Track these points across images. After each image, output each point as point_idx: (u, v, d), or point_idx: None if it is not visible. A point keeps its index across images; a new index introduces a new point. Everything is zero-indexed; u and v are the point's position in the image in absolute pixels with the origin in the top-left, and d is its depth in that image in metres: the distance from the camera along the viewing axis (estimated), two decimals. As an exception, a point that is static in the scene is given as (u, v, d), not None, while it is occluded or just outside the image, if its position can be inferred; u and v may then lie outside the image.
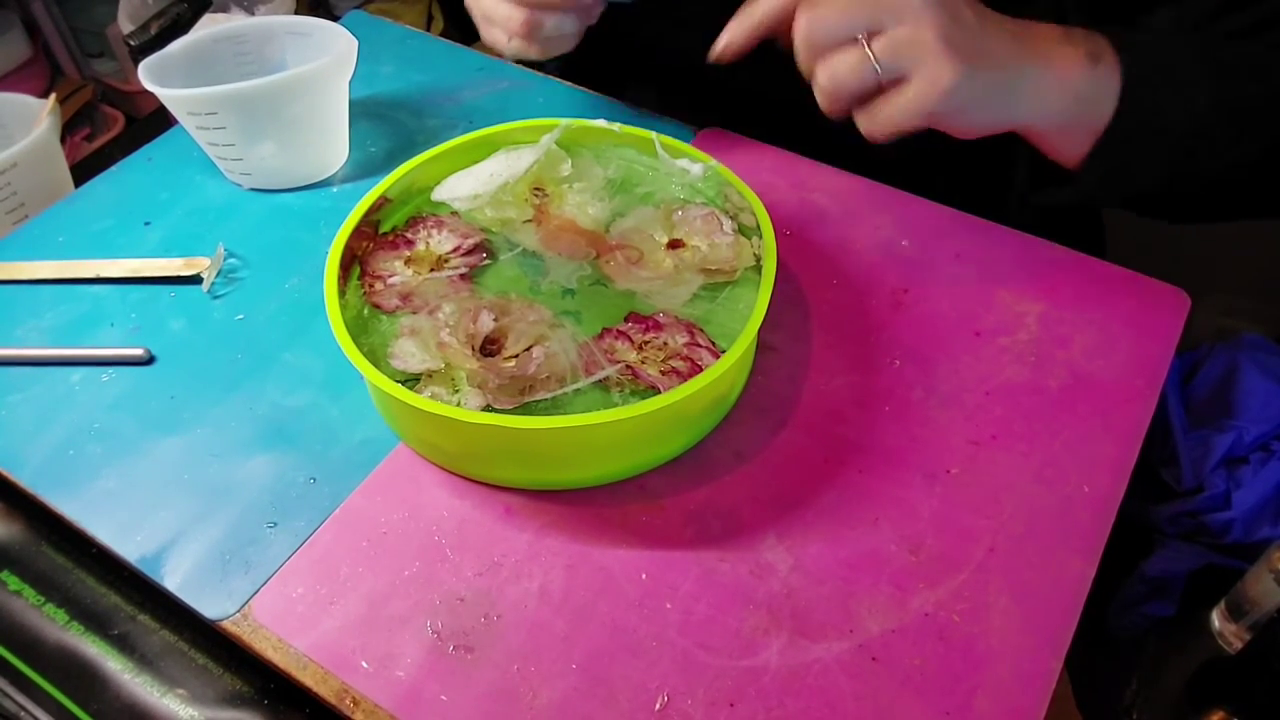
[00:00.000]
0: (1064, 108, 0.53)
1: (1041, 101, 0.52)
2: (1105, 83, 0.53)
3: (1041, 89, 0.52)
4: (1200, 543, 0.88)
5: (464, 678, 0.43)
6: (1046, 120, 0.54)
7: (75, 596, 0.48)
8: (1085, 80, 0.53)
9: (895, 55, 0.48)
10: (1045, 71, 0.52)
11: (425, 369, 0.50)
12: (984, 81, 0.50)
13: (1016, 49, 0.52)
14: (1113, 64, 0.53)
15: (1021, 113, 0.53)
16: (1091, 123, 0.54)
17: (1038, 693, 0.43)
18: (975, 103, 0.50)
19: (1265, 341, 0.97)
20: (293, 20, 0.69)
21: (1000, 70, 0.51)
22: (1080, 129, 0.54)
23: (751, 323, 0.49)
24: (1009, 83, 0.51)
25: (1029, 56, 0.52)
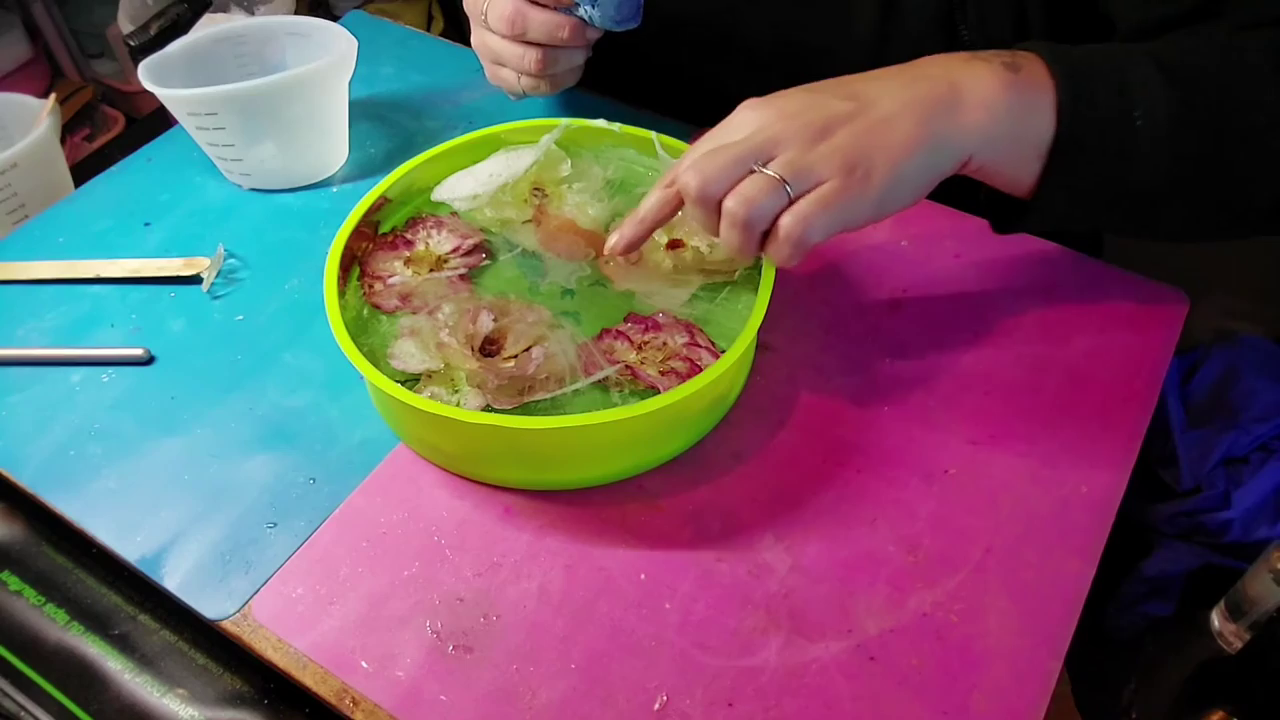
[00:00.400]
0: (995, 129, 0.48)
1: (965, 132, 0.48)
2: (1033, 91, 0.48)
3: (960, 121, 0.48)
4: (1199, 542, 0.88)
5: (464, 678, 0.43)
6: (982, 149, 0.48)
7: (75, 596, 0.48)
8: (1008, 92, 0.48)
9: (796, 171, 0.46)
10: (958, 100, 0.48)
11: (425, 369, 0.51)
12: (895, 153, 0.47)
13: (913, 98, 0.48)
14: (1038, 68, 0.49)
15: (949, 157, 0.48)
16: (1033, 137, 0.49)
17: (1036, 693, 0.43)
18: (898, 178, 0.47)
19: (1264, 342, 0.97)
20: (293, 20, 0.69)
21: (907, 130, 0.47)
22: (1023, 147, 0.49)
23: (751, 323, 0.49)
24: (922, 136, 0.47)
25: (929, 100, 0.48)
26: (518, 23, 0.59)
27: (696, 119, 0.71)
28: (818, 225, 0.46)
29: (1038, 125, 0.49)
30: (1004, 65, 0.49)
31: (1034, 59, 0.49)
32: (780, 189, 0.46)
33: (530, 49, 0.60)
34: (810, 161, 0.46)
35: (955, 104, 0.48)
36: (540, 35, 0.59)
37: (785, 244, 0.46)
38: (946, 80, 0.49)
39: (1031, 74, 0.49)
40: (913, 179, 0.48)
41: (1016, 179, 0.51)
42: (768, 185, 0.46)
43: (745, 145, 0.47)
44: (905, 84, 0.49)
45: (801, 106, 0.48)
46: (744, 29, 0.69)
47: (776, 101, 0.49)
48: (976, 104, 0.48)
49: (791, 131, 0.47)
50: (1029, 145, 0.49)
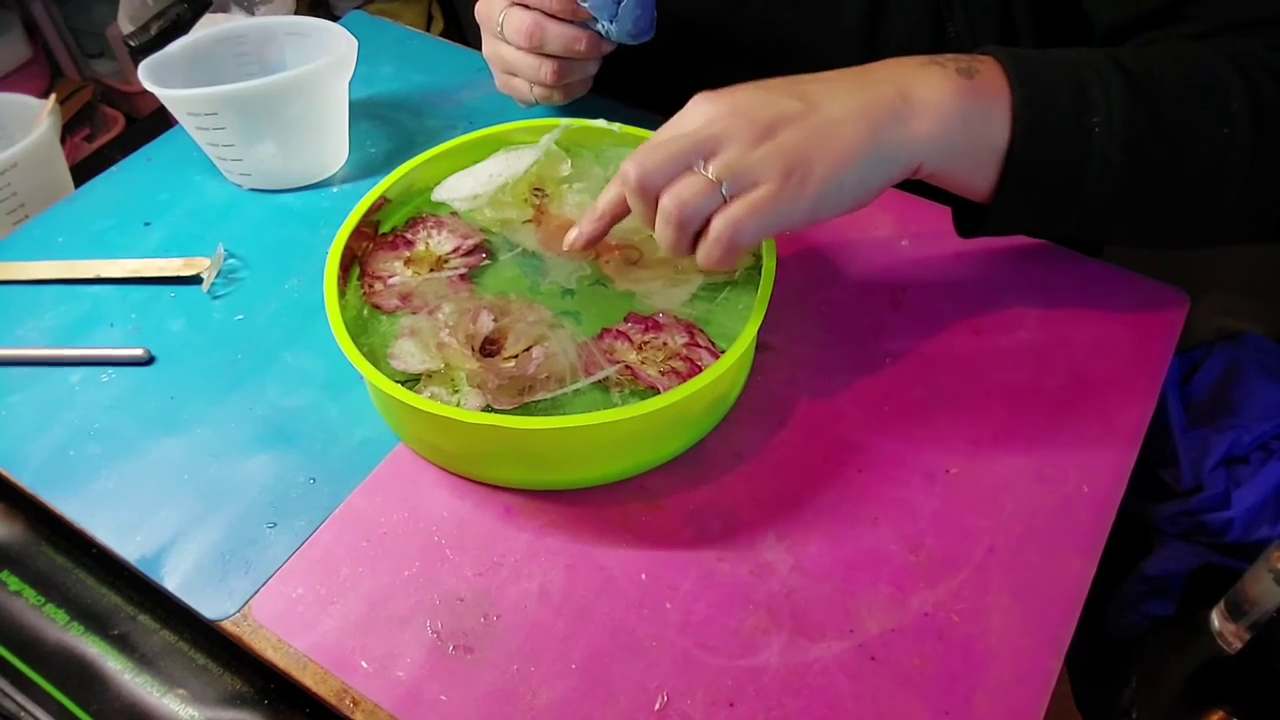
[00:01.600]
0: (947, 137, 0.48)
1: (914, 141, 0.48)
2: (988, 97, 0.48)
3: (910, 129, 0.47)
4: (1199, 542, 0.88)
5: (464, 678, 0.43)
6: (933, 156, 0.48)
7: (75, 596, 0.48)
8: (961, 99, 0.48)
9: (734, 173, 0.46)
10: (908, 107, 0.47)
11: (425, 369, 0.50)
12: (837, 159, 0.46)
13: (863, 104, 0.47)
14: (995, 73, 0.48)
15: (896, 165, 0.48)
16: (987, 144, 0.48)
17: (1037, 692, 0.43)
18: (837, 185, 0.47)
19: (1265, 341, 0.97)
20: (292, 21, 0.69)
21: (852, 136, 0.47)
22: (977, 153, 0.49)
23: (751, 323, 0.49)
24: (867, 144, 0.47)
25: (878, 106, 0.47)
26: (535, 35, 0.59)
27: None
28: (748, 229, 0.46)
29: (992, 132, 0.48)
30: (959, 71, 0.48)
31: (991, 64, 0.49)
32: (715, 191, 0.46)
33: (546, 61, 0.60)
34: (749, 163, 0.46)
35: (905, 111, 0.48)
36: (557, 48, 0.59)
37: (715, 245, 0.46)
38: (898, 87, 0.48)
39: (987, 80, 0.48)
40: (852, 186, 0.47)
41: (972, 185, 0.50)
42: (703, 187, 0.46)
43: (688, 141, 0.47)
44: (856, 89, 0.48)
45: (751, 103, 0.48)
46: (735, 27, 0.69)
47: (728, 96, 0.49)
48: (927, 111, 0.48)
49: (736, 129, 0.46)
50: (983, 152, 0.49)
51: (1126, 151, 0.48)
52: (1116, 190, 0.49)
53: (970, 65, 0.49)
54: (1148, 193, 0.49)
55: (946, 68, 0.48)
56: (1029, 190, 0.50)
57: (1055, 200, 0.50)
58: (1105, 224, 0.52)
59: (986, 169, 0.49)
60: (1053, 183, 0.49)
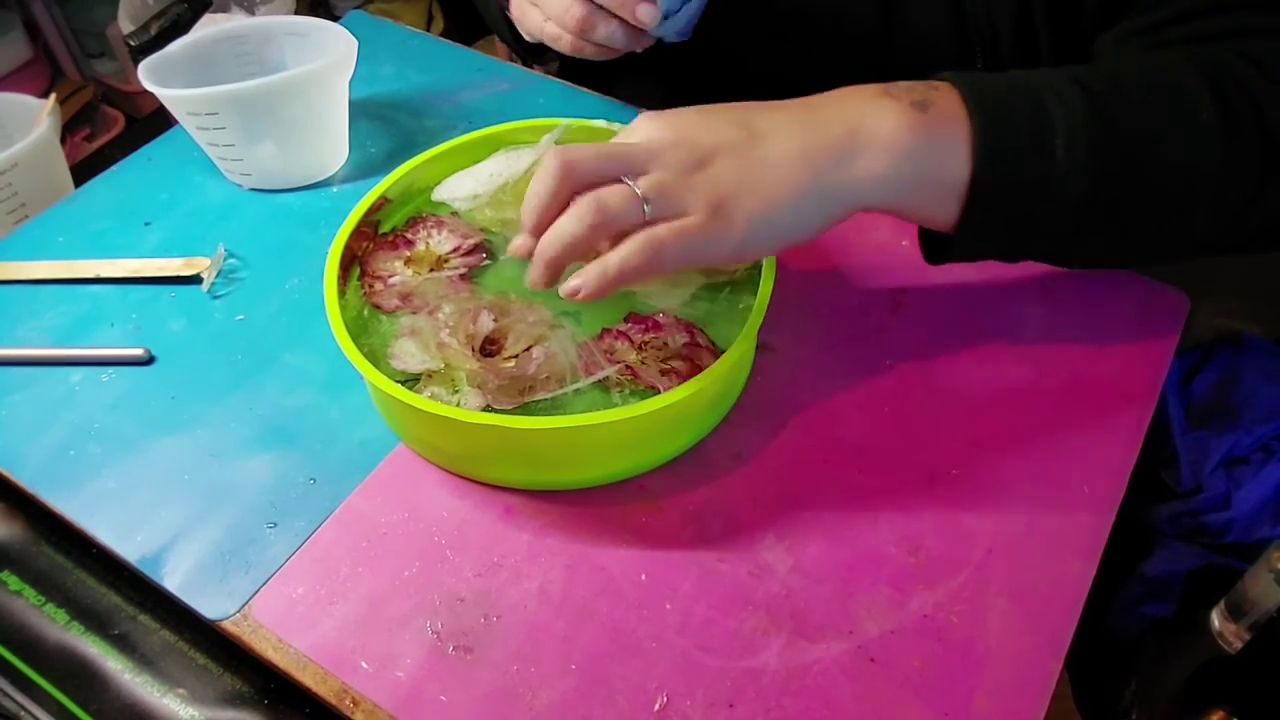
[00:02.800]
0: (898, 175, 0.46)
1: (859, 182, 0.46)
2: (943, 130, 0.46)
3: (856, 169, 0.46)
4: (1200, 543, 0.88)
5: (464, 678, 0.43)
6: (882, 195, 0.47)
7: (75, 596, 0.48)
8: (912, 134, 0.46)
9: (661, 194, 0.44)
10: (856, 145, 0.46)
11: (425, 369, 0.50)
12: (767, 198, 0.45)
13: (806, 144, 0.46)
14: (952, 103, 0.47)
15: (838, 205, 0.46)
16: (944, 177, 0.46)
17: (1037, 693, 0.43)
18: (766, 224, 0.45)
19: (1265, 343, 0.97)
20: (293, 20, 0.69)
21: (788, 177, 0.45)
22: (933, 188, 0.47)
23: (751, 323, 0.49)
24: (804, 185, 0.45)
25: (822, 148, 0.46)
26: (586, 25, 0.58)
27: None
28: (670, 251, 0.44)
29: (949, 166, 0.46)
30: (912, 105, 0.46)
31: (948, 91, 0.47)
32: (638, 206, 0.44)
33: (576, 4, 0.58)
34: (678, 189, 0.45)
35: (852, 152, 0.46)
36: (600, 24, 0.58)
37: (632, 255, 0.44)
38: (847, 124, 0.46)
39: (943, 111, 0.46)
40: (785, 226, 0.46)
41: (931, 217, 0.49)
42: (627, 197, 0.44)
43: (622, 150, 0.45)
44: (803, 126, 0.46)
45: (694, 128, 0.46)
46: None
47: (673, 117, 0.47)
48: (877, 149, 0.46)
49: (673, 151, 0.45)
50: (940, 187, 0.47)
51: (1090, 170, 0.46)
52: (1083, 211, 0.47)
53: (925, 96, 0.47)
54: (1115, 212, 0.48)
55: (900, 101, 0.46)
56: (993, 216, 0.48)
57: (1021, 225, 0.48)
58: (1074, 246, 0.50)
59: (945, 201, 0.47)
60: (1018, 208, 0.47)
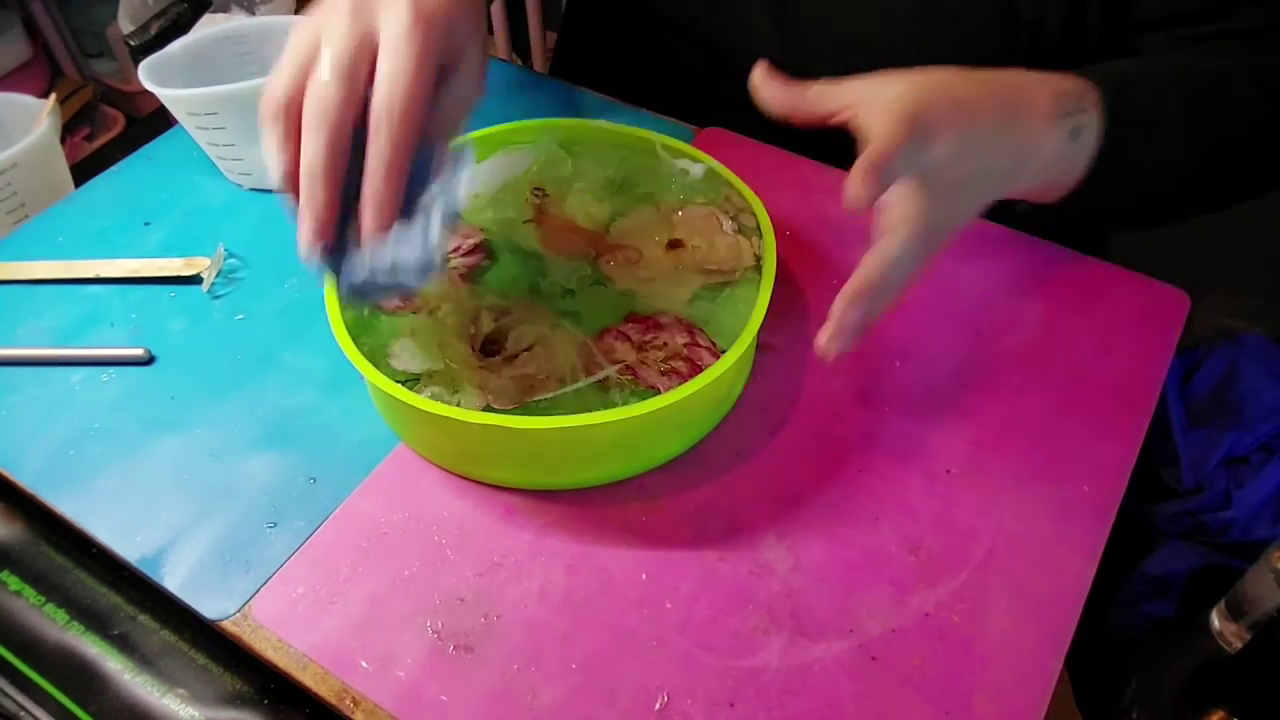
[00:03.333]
0: (1036, 180, 0.54)
1: (1018, 183, 0.53)
2: (1080, 153, 0.54)
3: (1019, 175, 0.53)
4: (1200, 542, 0.88)
5: (464, 678, 0.43)
6: (1020, 192, 0.55)
7: (75, 596, 0.48)
8: (1062, 156, 0.54)
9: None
10: (1028, 160, 0.52)
11: (425, 369, 0.50)
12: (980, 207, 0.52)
13: (1013, 147, 0.52)
14: (1093, 132, 0.54)
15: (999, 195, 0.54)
16: (1062, 182, 0.55)
17: (1038, 693, 0.43)
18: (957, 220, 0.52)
19: (1265, 341, 0.97)
20: (293, 20, 0.69)
21: (994, 191, 0.52)
22: (1051, 189, 0.56)
23: (751, 323, 0.49)
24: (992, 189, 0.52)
25: (1017, 157, 0.52)
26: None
27: (697, 119, 0.71)
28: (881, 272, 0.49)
29: (1069, 177, 0.55)
30: (1070, 133, 0.53)
31: (1096, 114, 0.53)
32: None
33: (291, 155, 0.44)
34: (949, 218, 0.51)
35: (1026, 162, 0.52)
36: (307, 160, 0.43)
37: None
38: (1027, 142, 0.52)
39: (1086, 141, 0.54)
40: (976, 204, 0.53)
41: (1034, 198, 0.57)
42: None
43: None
44: (1011, 140, 0.52)
45: (963, 150, 0.50)
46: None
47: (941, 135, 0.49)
48: (1036, 170, 0.53)
49: (947, 179, 0.50)
50: (1053, 187, 0.56)
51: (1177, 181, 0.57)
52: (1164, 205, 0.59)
53: (1079, 123, 0.53)
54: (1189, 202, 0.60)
55: (1063, 129, 0.53)
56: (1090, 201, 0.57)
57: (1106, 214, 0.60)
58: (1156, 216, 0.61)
59: (1051, 195, 0.57)
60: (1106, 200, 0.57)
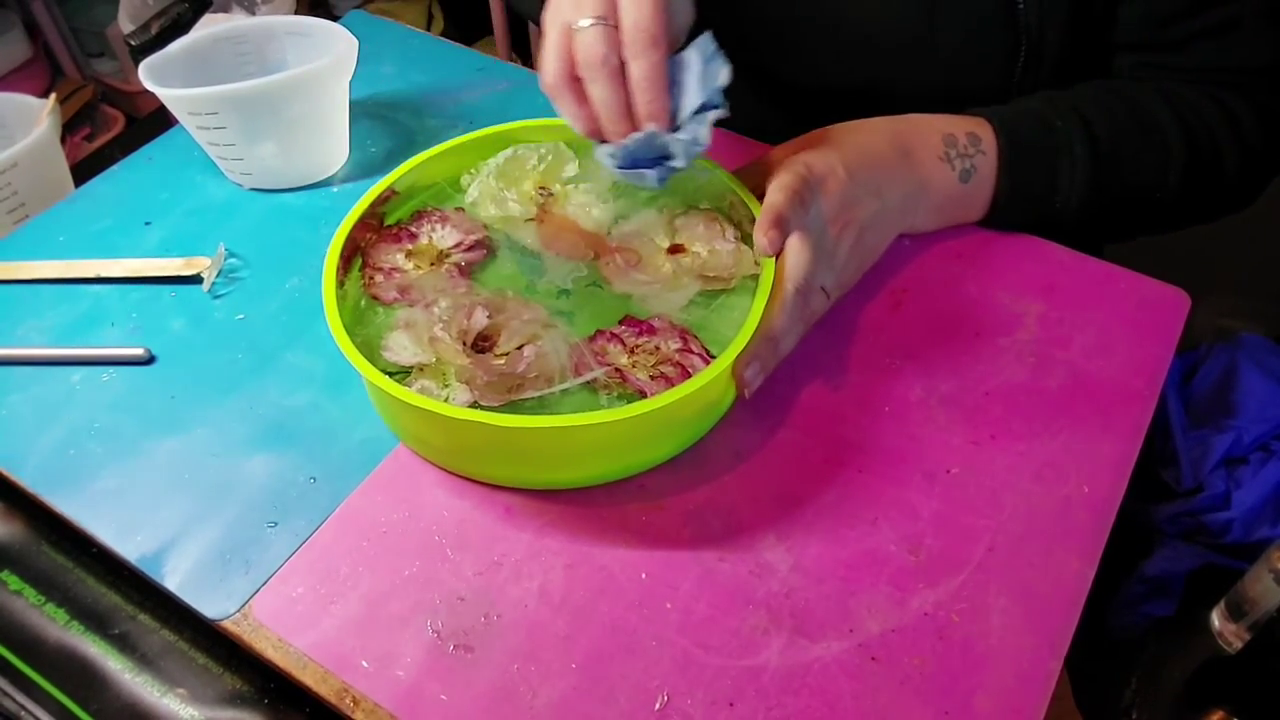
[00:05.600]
0: (932, 221, 0.61)
1: (913, 221, 0.60)
2: (976, 194, 0.60)
3: (912, 213, 0.60)
4: (1200, 543, 0.88)
5: (464, 677, 0.43)
6: (920, 228, 0.61)
7: (75, 596, 0.48)
8: (956, 196, 0.60)
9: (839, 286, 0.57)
10: (918, 198, 0.59)
11: (417, 363, 0.50)
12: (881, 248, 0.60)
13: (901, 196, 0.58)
14: (988, 175, 0.59)
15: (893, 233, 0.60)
16: (965, 220, 0.62)
17: (1038, 693, 0.43)
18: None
19: (1265, 341, 0.97)
20: (293, 20, 0.69)
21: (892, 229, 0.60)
22: (956, 222, 0.62)
23: (744, 332, 0.49)
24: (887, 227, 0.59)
25: (907, 195, 0.58)
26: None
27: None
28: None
29: (971, 216, 0.62)
30: (961, 175, 0.59)
31: (990, 159, 0.59)
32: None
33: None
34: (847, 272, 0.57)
35: (915, 208, 0.59)
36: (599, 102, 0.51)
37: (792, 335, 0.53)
38: (916, 184, 0.59)
39: (980, 181, 0.60)
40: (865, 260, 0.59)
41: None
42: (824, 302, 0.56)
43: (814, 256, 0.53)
44: (901, 183, 0.58)
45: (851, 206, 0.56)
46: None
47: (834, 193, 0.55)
48: (928, 212, 0.60)
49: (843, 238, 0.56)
50: (963, 220, 0.62)
51: (1082, 209, 0.60)
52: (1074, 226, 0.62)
53: (973, 164, 0.59)
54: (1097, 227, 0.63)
55: (954, 170, 0.59)
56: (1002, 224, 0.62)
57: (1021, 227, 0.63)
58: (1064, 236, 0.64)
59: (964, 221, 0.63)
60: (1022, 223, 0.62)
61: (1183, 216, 0.64)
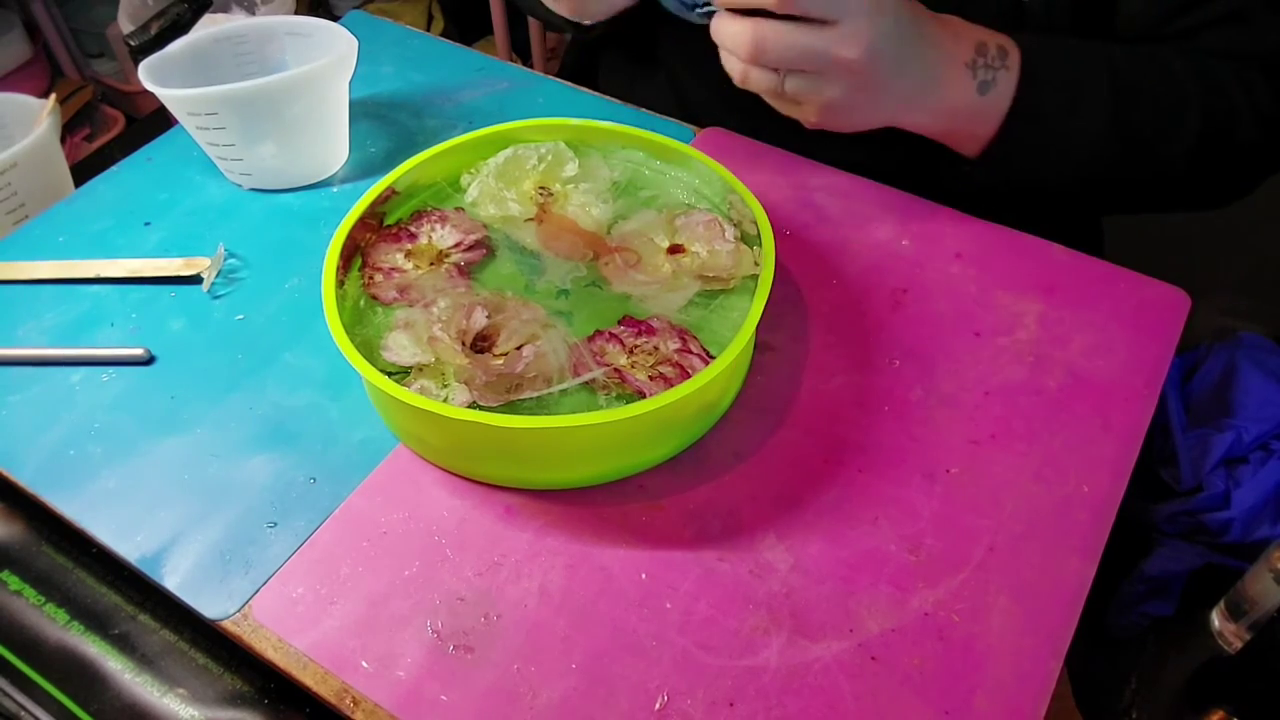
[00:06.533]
0: (940, 121, 0.58)
1: (921, 111, 0.58)
2: (990, 109, 0.58)
3: (922, 100, 0.57)
4: (1200, 542, 0.88)
5: (464, 678, 0.43)
6: (920, 127, 0.59)
7: (75, 596, 0.48)
8: (970, 105, 0.57)
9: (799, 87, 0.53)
10: (931, 91, 0.56)
11: (416, 362, 0.50)
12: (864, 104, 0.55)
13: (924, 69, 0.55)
14: (1006, 92, 0.57)
15: (890, 119, 0.57)
16: (973, 134, 0.59)
17: (1038, 693, 0.43)
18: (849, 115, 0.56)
19: (1265, 341, 0.97)
20: (293, 20, 0.69)
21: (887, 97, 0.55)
22: (961, 139, 0.60)
23: (742, 333, 0.49)
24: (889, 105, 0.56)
25: (923, 81, 0.55)
26: None
27: (698, 119, 0.71)
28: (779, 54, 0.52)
29: (980, 130, 0.59)
30: (979, 86, 0.57)
31: (1012, 74, 0.57)
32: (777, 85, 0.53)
33: None
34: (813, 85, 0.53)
35: (925, 100, 0.57)
36: None
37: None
38: (932, 76, 0.56)
39: (995, 96, 0.57)
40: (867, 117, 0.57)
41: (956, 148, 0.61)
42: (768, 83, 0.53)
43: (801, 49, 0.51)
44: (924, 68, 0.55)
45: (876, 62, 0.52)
46: None
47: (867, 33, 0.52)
48: (939, 104, 0.57)
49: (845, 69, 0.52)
50: (964, 138, 0.60)
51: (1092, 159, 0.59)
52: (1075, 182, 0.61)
53: (993, 78, 0.57)
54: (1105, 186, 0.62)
55: (974, 80, 0.57)
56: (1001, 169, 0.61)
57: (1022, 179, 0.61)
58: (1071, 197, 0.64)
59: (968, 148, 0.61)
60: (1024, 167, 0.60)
61: (1190, 189, 0.63)
